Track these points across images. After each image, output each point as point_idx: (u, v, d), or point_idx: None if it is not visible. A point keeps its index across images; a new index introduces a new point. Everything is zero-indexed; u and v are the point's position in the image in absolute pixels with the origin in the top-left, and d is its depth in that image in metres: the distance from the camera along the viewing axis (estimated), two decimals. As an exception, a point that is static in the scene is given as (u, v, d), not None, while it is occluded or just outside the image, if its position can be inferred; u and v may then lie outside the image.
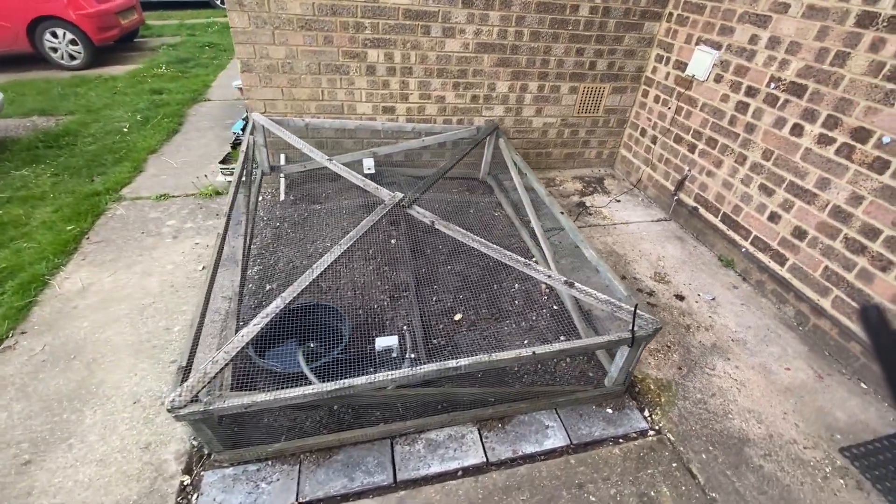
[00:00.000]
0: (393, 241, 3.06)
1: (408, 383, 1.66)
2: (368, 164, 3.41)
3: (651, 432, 1.96)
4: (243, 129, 4.10)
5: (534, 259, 2.91)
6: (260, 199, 3.51)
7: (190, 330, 1.75)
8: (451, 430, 1.94)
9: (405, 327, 2.28)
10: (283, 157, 3.53)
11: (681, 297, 2.71)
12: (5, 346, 2.25)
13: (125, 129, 4.46)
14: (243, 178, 2.82)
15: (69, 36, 5.80)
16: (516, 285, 2.77)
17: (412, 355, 1.98)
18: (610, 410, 2.05)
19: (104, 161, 3.91)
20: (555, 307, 2.62)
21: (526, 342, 2.37)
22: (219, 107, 5.21)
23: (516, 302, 2.65)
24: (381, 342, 1.94)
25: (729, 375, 2.23)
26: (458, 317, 2.51)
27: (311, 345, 2.05)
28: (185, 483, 1.74)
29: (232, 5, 2.84)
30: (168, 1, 9.68)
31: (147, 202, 3.40)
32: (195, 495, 1.70)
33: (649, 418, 2.02)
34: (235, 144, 3.89)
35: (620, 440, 1.93)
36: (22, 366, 2.16)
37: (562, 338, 2.36)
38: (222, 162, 3.62)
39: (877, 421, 2.06)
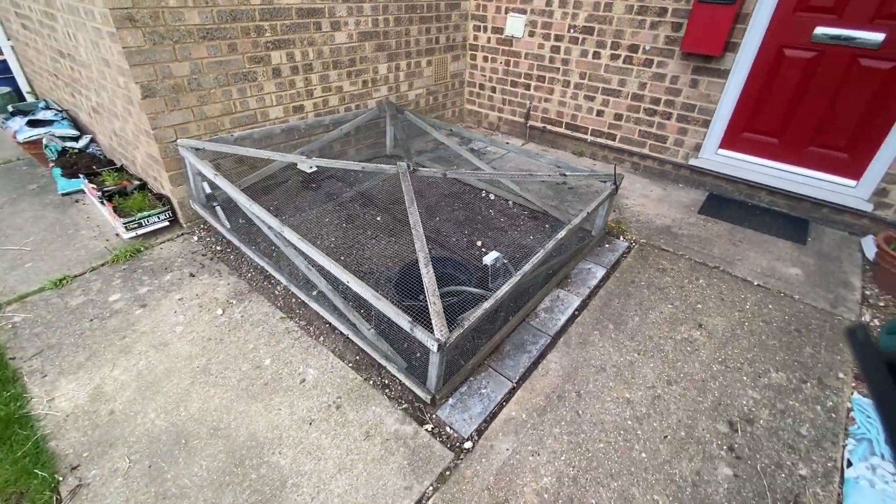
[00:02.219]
0: (378, 218, 3.33)
1: (541, 262, 2.28)
2: (305, 166, 3.43)
3: (634, 244, 3.13)
4: (99, 181, 3.32)
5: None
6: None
7: (379, 302, 1.89)
8: (550, 297, 2.65)
9: (484, 249, 2.82)
10: (204, 185, 3.16)
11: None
12: (73, 489, 1.72)
13: None
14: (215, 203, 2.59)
15: None
16: (491, 211, 3.52)
17: (505, 260, 2.55)
18: (607, 245, 3.12)
19: None
20: (525, 213, 3.51)
21: (532, 238, 3.19)
22: (-10, 175, 3.81)
23: (502, 220, 3.41)
24: (488, 258, 2.45)
25: (635, 204, 3.61)
26: (479, 243, 3.12)
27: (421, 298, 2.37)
28: (429, 429, 1.95)
29: (121, 22, 2.44)
30: None
31: (46, 294, 2.60)
32: (446, 428, 1.95)
33: (625, 239, 3.18)
34: (109, 196, 3.17)
35: (625, 255, 3.03)
36: (126, 487, 1.74)
37: (573, 212, 3.30)
38: (122, 216, 2.97)
39: (696, 196, 3.77)
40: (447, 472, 1.79)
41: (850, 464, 1.79)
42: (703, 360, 2.26)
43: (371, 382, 2.15)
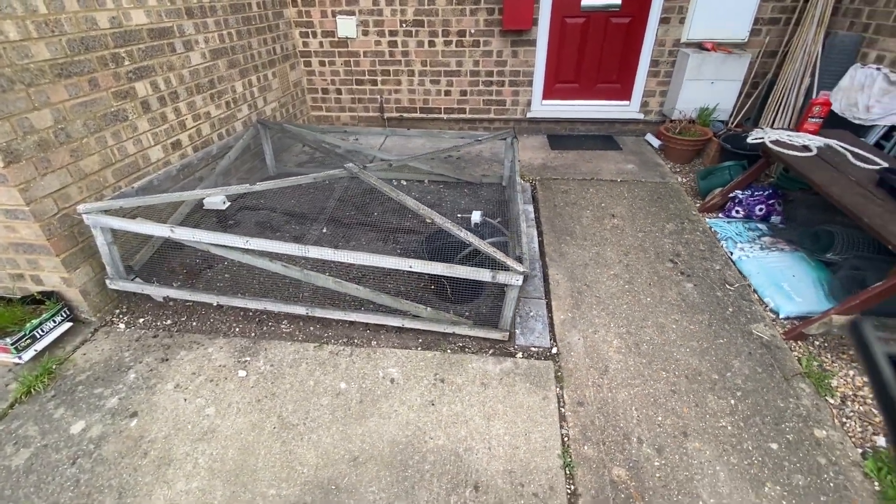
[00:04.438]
0: (325, 231, 3.23)
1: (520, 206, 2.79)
2: (218, 201, 3.03)
3: (535, 182, 3.93)
4: None
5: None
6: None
7: (453, 269, 2.08)
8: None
9: (459, 215, 3.13)
10: (106, 260, 2.50)
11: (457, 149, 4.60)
12: None
13: None
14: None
15: None
16: (414, 193, 3.80)
17: (484, 217, 2.97)
18: (519, 188, 3.83)
19: None
20: (441, 186, 3.92)
21: (464, 201, 3.66)
22: None
23: (429, 197, 3.75)
24: (475, 216, 2.81)
25: (524, 159, 4.43)
26: (428, 220, 3.40)
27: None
28: (521, 356, 2.28)
29: (-46, 66, 1.75)
30: None
31: (-45, 474, 1.77)
32: (531, 349, 2.32)
33: (526, 181, 3.96)
34: (-52, 324, 2.19)
35: (535, 191, 3.80)
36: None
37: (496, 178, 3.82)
38: (7, 336, 2.13)
39: (541, 139, 4.84)
40: (559, 374, 2.19)
41: (731, 253, 2.95)
42: (631, 234, 3.20)
43: (449, 351, 2.32)
